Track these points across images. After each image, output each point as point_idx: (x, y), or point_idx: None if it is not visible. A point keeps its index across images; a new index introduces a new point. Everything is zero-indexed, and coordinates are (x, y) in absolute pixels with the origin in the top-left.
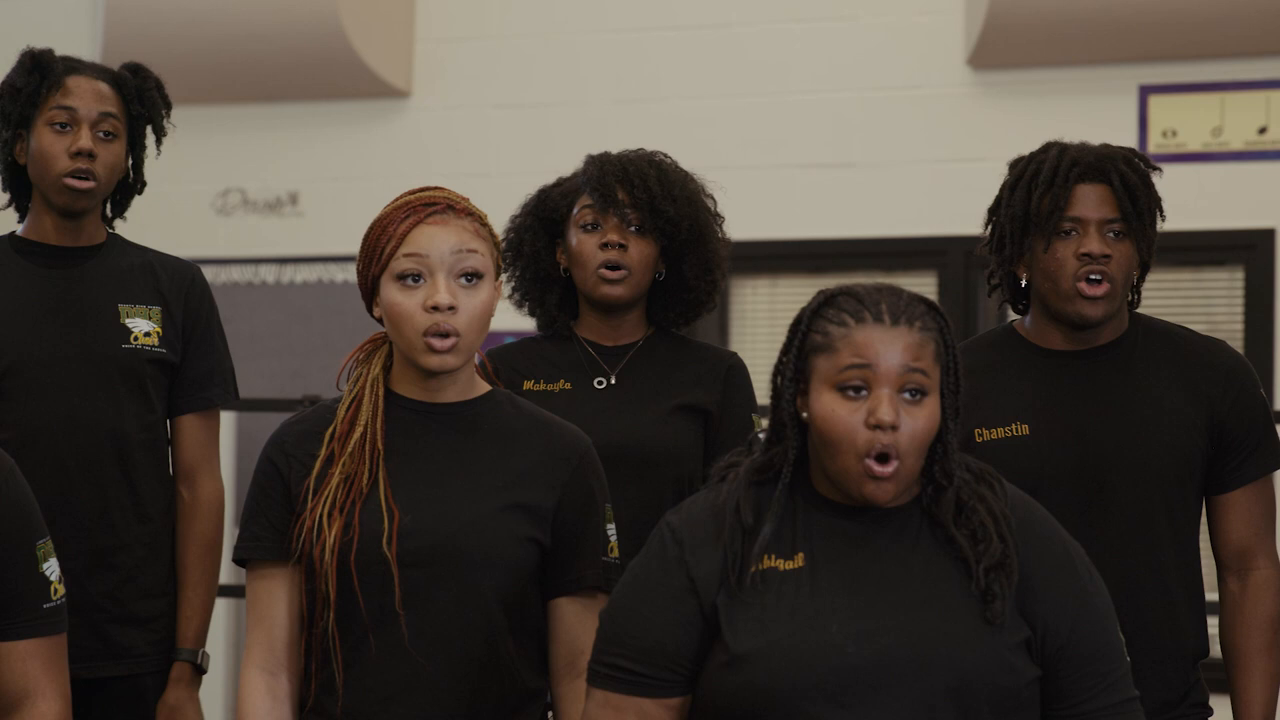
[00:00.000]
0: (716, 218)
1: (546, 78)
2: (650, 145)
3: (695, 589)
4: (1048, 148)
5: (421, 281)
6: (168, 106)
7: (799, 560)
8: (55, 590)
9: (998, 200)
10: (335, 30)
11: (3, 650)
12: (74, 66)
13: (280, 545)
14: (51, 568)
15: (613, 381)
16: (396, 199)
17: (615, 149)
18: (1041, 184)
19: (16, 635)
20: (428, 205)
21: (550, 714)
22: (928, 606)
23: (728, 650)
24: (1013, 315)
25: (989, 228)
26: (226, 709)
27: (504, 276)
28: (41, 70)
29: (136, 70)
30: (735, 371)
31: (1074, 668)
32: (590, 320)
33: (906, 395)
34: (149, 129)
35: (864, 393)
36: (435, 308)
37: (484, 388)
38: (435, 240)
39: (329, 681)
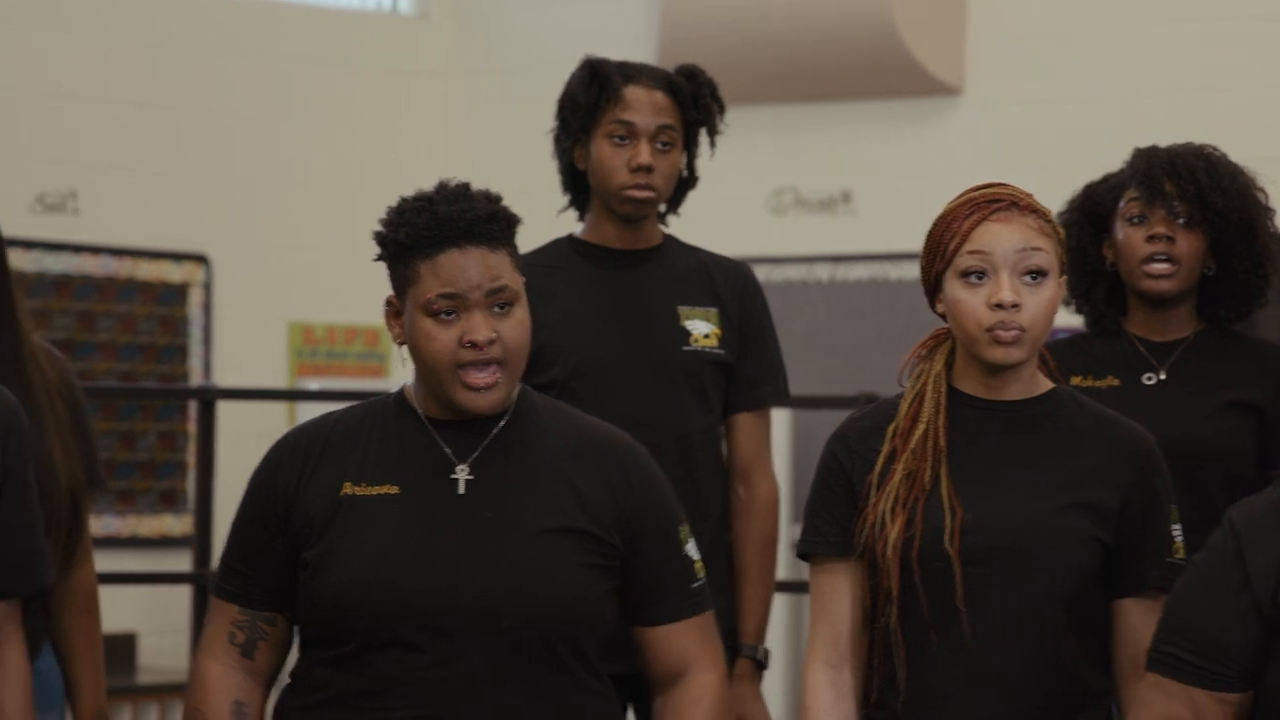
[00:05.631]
0: (1268, 211)
1: (1097, 71)
2: (1204, 138)
3: (1250, 584)
4: None
5: (985, 279)
6: (722, 109)
7: None
8: (698, 569)
9: None
10: (888, 28)
11: (660, 633)
12: (631, 75)
13: (844, 540)
14: (692, 549)
15: (1162, 377)
16: (960, 195)
17: (1167, 142)
18: None
19: (671, 618)
20: (992, 202)
21: (1114, 716)
22: None
23: None
24: None
25: None
26: (787, 705)
27: None
28: (600, 82)
29: (691, 75)
30: None
31: None
32: (1139, 315)
33: None
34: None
35: None
36: (999, 305)
37: (1046, 385)
38: (999, 238)
39: (891, 677)
